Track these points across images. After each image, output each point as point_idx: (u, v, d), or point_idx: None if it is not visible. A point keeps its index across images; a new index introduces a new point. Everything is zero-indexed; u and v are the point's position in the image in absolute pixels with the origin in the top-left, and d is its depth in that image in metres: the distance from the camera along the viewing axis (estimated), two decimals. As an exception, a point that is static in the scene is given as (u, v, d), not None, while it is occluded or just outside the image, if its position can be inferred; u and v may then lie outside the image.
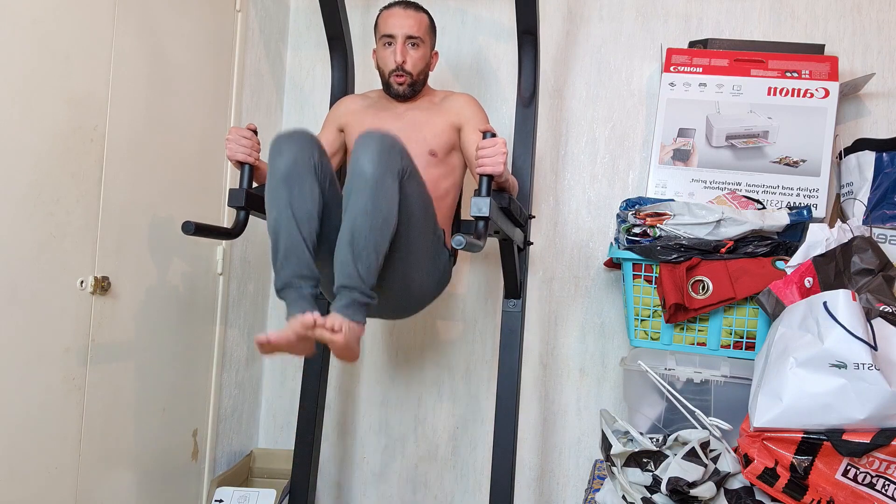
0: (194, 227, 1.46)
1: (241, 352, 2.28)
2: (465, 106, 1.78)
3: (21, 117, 1.38)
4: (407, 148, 1.64)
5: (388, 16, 1.75)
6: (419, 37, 1.74)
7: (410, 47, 1.74)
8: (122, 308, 1.69)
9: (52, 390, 1.48)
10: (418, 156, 1.72)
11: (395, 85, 1.76)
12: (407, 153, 1.45)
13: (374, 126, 1.75)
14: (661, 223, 1.76)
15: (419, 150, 1.73)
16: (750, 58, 1.97)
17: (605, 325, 2.23)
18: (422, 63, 1.77)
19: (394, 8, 1.76)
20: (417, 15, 1.76)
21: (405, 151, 1.44)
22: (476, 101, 1.81)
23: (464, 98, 1.81)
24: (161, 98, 1.80)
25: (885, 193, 1.85)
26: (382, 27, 1.76)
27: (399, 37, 1.73)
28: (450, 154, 1.78)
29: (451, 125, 1.76)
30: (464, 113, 1.76)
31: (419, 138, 1.74)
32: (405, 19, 1.73)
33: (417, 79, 1.77)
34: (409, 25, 1.73)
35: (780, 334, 1.48)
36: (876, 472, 1.35)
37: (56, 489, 1.51)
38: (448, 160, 1.78)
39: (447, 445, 2.32)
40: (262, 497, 2.02)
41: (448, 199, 1.80)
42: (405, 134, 1.74)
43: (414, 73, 1.76)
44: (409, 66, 1.75)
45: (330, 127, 1.88)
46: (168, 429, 1.90)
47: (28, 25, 1.38)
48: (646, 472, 1.51)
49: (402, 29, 1.72)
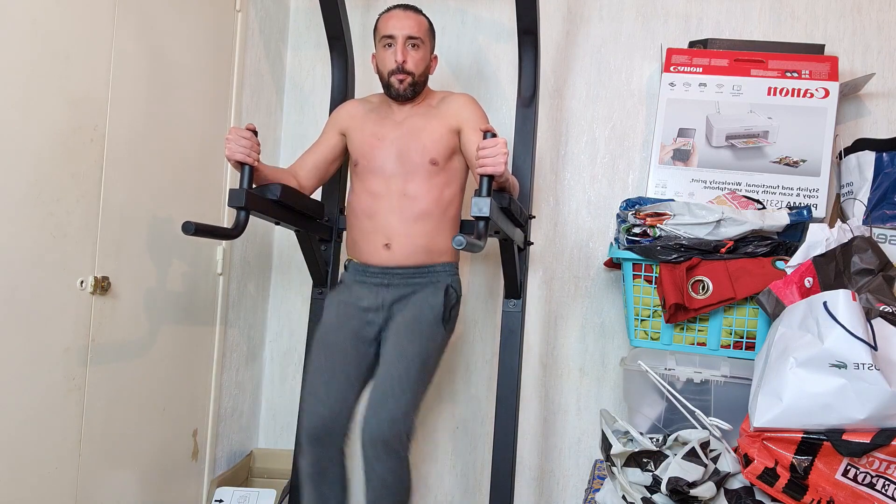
0: (194, 227, 1.46)
1: (241, 352, 2.28)
2: (463, 107, 1.78)
3: (21, 117, 1.37)
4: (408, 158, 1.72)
5: (387, 18, 1.76)
6: (419, 37, 1.75)
7: (411, 48, 1.75)
8: (122, 308, 1.69)
9: (52, 390, 1.48)
10: (419, 166, 1.73)
11: (397, 84, 1.75)
12: (409, 431, 1.58)
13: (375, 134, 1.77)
14: (661, 223, 1.76)
15: (420, 160, 1.74)
16: (750, 58, 1.97)
17: (605, 325, 2.23)
18: (423, 64, 1.78)
19: (393, 10, 1.77)
20: (417, 17, 1.77)
21: (408, 433, 1.58)
22: (474, 100, 1.81)
23: (462, 98, 1.80)
24: (161, 98, 1.80)
25: (885, 193, 1.85)
26: (382, 29, 1.76)
27: (399, 37, 1.73)
28: (451, 159, 1.78)
29: (451, 128, 1.76)
30: (462, 114, 1.76)
31: (419, 147, 1.74)
32: (405, 20, 1.74)
33: (419, 80, 1.77)
34: (409, 26, 1.74)
35: (780, 334, 1.48)
36: (876, 472, 1.35)
37: (56, 489, 1.51)
38: (449, 166, 1.78)
39: (447, 445, 2.32)
40: (262, 497, 2.02)
41: (452, 210, 1.79)
42: (405, 142, 1.76)
43: (415, 73, 1.76)
44: (411, 65, 1.75)
45: (331, 131, 1.89)
46: (168, 429, 1.90)
47: (28, 25, 1.38)
48: (646, 472, 1.51)
49: (403, 30, 1.73)
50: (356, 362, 1.70)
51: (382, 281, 1.76)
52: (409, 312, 1.71)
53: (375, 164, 1.77)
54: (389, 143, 1.77)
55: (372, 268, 1.77)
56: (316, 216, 1.88)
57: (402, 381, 1.59)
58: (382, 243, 1.74)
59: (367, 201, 1.77)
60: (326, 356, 1.69)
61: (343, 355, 1.69)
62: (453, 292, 1.76)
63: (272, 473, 2.29)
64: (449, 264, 1.79)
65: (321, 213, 1.91)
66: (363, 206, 1.77)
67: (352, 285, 1.81)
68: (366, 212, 1.77)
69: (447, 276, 1.78)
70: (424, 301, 1.72)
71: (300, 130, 2.46)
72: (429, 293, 1.74)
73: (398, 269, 1.75)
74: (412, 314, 1.70)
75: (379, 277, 1.76)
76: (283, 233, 2.43)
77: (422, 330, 1.68)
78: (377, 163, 1.76)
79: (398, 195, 1.73)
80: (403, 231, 1.73)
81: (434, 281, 1.76)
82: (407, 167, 1.74)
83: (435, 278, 1.76)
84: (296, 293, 2.44)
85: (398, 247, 1.73)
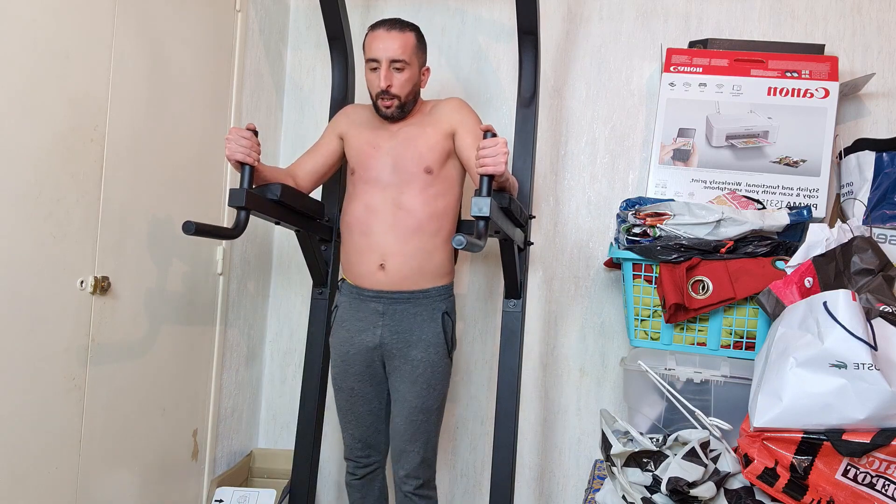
0: (195, 227, 1.46)
1: (241, 352, 2.29)
2: (454, 111, 1.77)
3: (21, 117, 1.37)
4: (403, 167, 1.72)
5: (372, 38, 1.71)
6: (404, 59, 1.69)
7: (396, 71, 1.70)
8: (122, 308, 1.69)
9: (52, 390, 1.48)
10: (414, 176, 1.72)
11: (383, 108, 1.74)
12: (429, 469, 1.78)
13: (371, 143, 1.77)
14: (661, 223, 1.76)
15: (415, 170, 1.72)
16: (750, 58, 1.97)
17: (605, 325, 2.23)
18: (409, 85, 1.73)
19: (378, 30, 1.71)
20: (402, 36, 1.70)
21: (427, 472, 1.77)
22: (465, 102, 1.80)
23: (452, 103, 1.79)
24: (161, 98, 1.80)
25: (885, 193, 1.85)
26: (367, 51, 1.72)
27: (383, 61, 1.69)
28: (445, 166, 1.76)
29: (444, 132, 1.74)
30: (454, 117, 1.75)
31: (414, 155, 1.73)
32: (389, 42, 1.68)
33: (406, 100, 1.74)
34: (392, 49, 1.68)
35: (780, 334, 1.48)
36: (876, 472, 1.35)
37: (56, 489, 1.51)
38: (444, 174, 1.76)
39: (447, 445, 2.32)
40: (262, 497, 2.02)
41: (447, 225, 1.76)
42: (399, 151, 1.74)
43: (402, 95, 1.72)
44: (396, 89, 1.71)
45: (330, 134, 1.87)
46: (168, 429, 1.90)
47: (28, 25, 1.38)
48: (646, 472, 1.51)
49: (386, 53, 1.68)
50: (376, 395, 1.80)
51: (377, 308, 1.73)
52: (414, 357, 1.71)
53: (371, 174, 1.75)
54: (385, 153, 1.75)
55: (367, 291, 1.74)
56: (316, 216, 1.88)
57: (416, 436, 1.73)
58: (377, 263, 1.71)
59: (362, 215, 1.74)
60: (346, 399, 1.80)
61: (361, 396, 1.79)
62: (449, 320, 1.76)
63: (272, 473, 2.30)
64: (444, 287, 1.77)
65: (321, 213, 1.91)
66: (358, 220, 1.74)
67: (347, 317, 1.78)
68: (361, 227, 1.73)
69: (443, 301, 1.76)
70: (428, 344, 1.72)
71: (300, 130, 2.46)
72: (428, 331, 1.72)
73: (393, 294, 1.72)
74: (419, 359, 1.71)
75: (374, 303, 1.73)
76: (283, 233, 2.43)
77: (431, 380, 1.73)
78: (373, 173, 1.75)
79: (393, 207, 1.71)
80: (398, 250, 1.70)
81: (430, 308, 1.73)
82: (402, 176, 1.72)
83: (431, 304, 1.74)
84: (296, 293, 2.44)
85: (393, 268, 1.70)
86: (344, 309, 1.79)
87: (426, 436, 1.74)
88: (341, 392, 1.80)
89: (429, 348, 1.72)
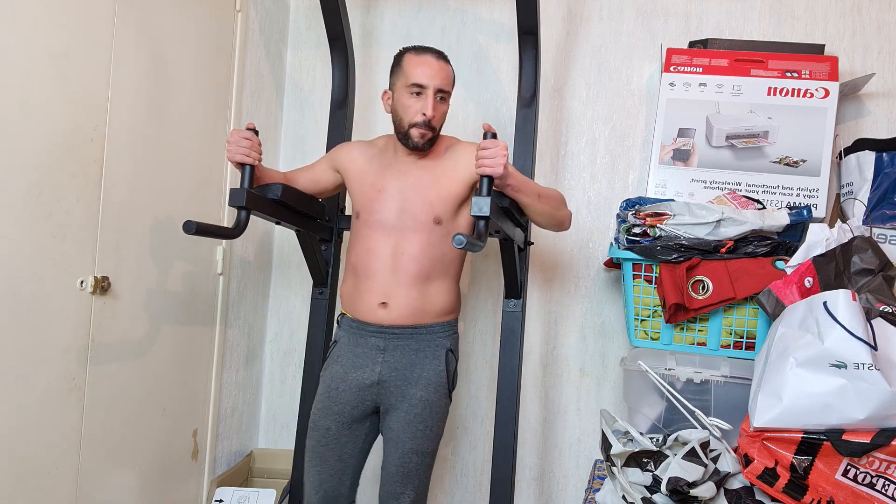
0: (195, 226, 1.46)
1: (241, 352, 2.29)
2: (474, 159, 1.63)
3: (21, 117, 1.37)
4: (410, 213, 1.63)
5: (419, 63, 1.60)
6: (448, 91, 1.64)
7: (440, 101, 1.62)
8: (122, 308, 1.69)
9: (52, 390, 1.48)
10: (422, 224, 1.63)
11: (418, 138, 1.61)
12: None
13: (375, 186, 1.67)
14: (661, 223, 1.76)
15: (424, 218, 1.63)
16: (750, 58, 1.97)
17: (605, 325, 2.23)
18: (444, 118, 1.66)
19: (426, 56, 1.61)
20: (448, 67, 1.63)
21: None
22: None
23: (472, 150, 1.63)
24: (161, 98, 1.80)
25: (885, 193, 1.85)
26: (411, 74, 1.59)
27: (431, 88, 1.59)
28: (456, 216, 1.67)
29: (462, 182, 1.65)
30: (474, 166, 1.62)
31: (424, 203, 1.63)
32: (439, 71, 1.60)
33: (437, 133, 1.66)
34: (441, 79, 1.60)
35: (780, 334, 1.48)
36: (876, 472, 1.35)
37: (56, 489, 1.51)
38: (456, 223, 1.67)
39: (447, 445, 2.32)
40: (262, 497, 2.02)
41: (453, 269, 1.69)
42: (407, 196, 1.64)
43: (437, 127, 1.64)
44: (436, 121, 1.62)
45: (326, 164, 1.79)
46: (168, 429, 1.90)
47: (28, 25, 1.38)
48: (646, 472, 1.51)
49: (435, 81, 1.59)
50: (350, 439, 1.67)
51: (378, 344, 1.64)
52: (413, 395, 1.62)
53: (375, 217, 1.66)
54: (391, 196, 1.65)
55: (368, 326, 1.65)
56: (316, 216, 1.88)
57: (408, 479, 1.63)
58: (378, 302, 1.63)
59: (364, 259, 1.66)
60: (317, 440, 1.67)
61: (335, 439, 1.66)
62: (452, 357, 1.68)
63: (272, 473, 2.30)
64: (448, 323, 1.69)
65: (321, 213, 1.91)
66: (361, 263, 1.67)
67: (345, 352, 1.68)
68: (363, 270, 1.66)
69: (446, 337, 1.68)
70: (428, 382, 1.63)
71: (300, 130, 2.46)
72: (429, 368, 1.64)
73: (395, 329, 1.64)
74: (417, 398, 1.62)
75: (375, 338, 1.64)
76: (283, 233, 2.43)
77: (429, 420, 1.63)
78: (377, 216, 1.66)
79: (395, 254, 1.62)
80: (401, 292, 1.62)
81: (433, 344, 1.65)
82: (407, 222, 1.63)
83: (434, 340, 1.66)
84: (296, 293, 2.44)
85: (395, 307, 1.63)
86: (343, 344, 1.69)
87: (419, 479, 1.64)
88: (314, 432, 1.67)
89: (429, 387, 1.63)
